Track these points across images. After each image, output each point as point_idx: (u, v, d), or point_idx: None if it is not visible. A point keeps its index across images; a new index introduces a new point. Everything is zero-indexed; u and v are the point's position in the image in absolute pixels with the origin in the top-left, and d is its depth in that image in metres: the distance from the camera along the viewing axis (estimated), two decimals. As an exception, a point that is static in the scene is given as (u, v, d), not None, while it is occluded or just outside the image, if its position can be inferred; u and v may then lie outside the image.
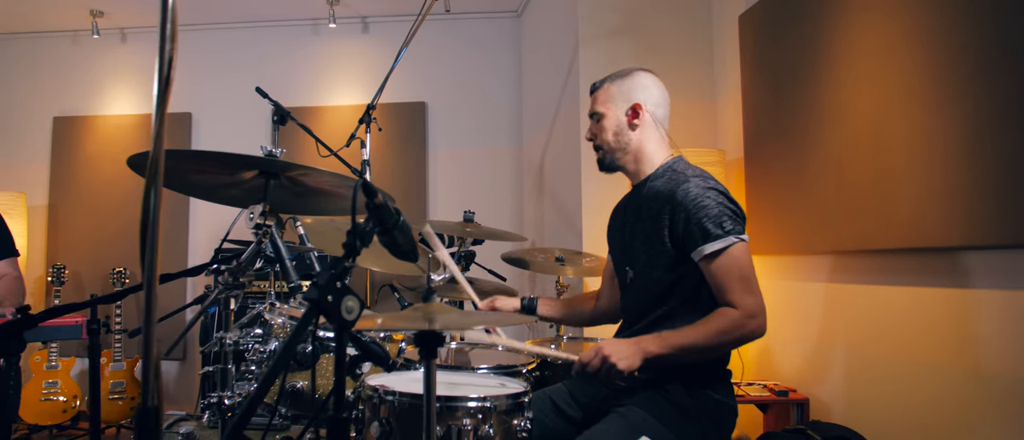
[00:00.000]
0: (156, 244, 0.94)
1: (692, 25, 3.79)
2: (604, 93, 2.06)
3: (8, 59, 5.59)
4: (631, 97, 2.01)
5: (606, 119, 2.04)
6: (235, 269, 1.57)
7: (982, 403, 2.08)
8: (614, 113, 2.02)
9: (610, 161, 2.08)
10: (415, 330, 1.28)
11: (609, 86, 2.06)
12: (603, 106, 2.05)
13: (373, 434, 1.63)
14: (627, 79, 2.04)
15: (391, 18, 5.35)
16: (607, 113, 2.03)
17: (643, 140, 2.02)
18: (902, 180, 2.31)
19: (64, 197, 5.39)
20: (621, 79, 2.05)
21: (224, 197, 1.82)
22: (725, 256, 1.81)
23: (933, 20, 2.21)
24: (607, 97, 2.05)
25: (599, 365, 1.73)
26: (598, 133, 2.06)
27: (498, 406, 1.64)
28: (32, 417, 4.31)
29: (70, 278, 4.89)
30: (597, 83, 2.10)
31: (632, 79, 2.04)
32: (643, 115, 2.01)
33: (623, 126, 2.02)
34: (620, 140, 2.03)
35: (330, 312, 1.05)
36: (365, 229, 1.16)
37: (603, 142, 2.06)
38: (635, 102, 2.01)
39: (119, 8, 5.15)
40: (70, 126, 5.46)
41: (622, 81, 2.04)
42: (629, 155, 2.04)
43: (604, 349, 1.74)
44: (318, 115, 5.21)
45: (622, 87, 2.03)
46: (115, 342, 4.60)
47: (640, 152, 2.03)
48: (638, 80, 2.04)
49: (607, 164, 2.10)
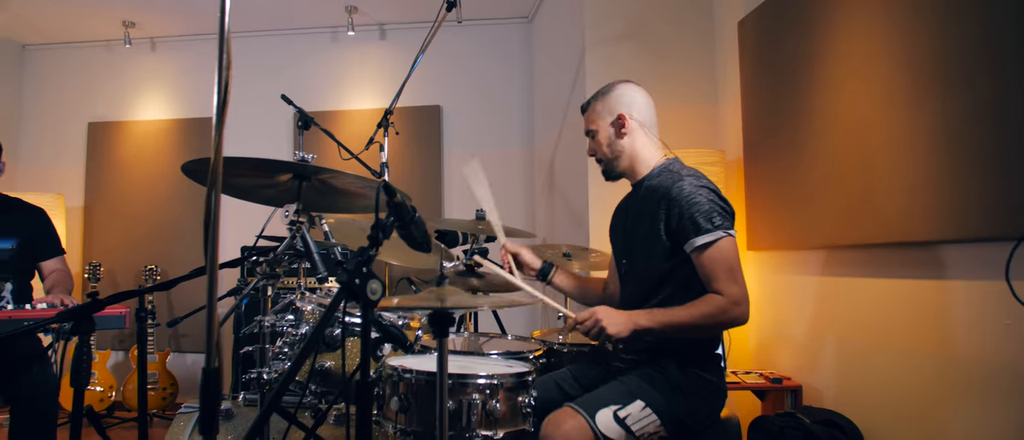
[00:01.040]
0: (217, 236, 1.14)
1: (694, 31, 3.94)
2: (592, 112, 2.26)
3: (46, 68, 5.87)
4: (615, 109, 2.21)
5: (599, 134, 2.24)
6: (272, 260, 1.78)
7: (956, 385, 2.24)
8: (604, 127, 2.23)
9: (611, 170, 2.28)
10: (429, 309, 1.47)
11: (595, 105, 2.26)
12: (594, 123, 2.25)
13: (393, 408, 1.82)
14: (609, 95, 2.24)
15: (407, 25, 5.55)
16: (599, 129, 2.24)
17: (634, 145, 2.21)
18: (885, 178, 2.46)
19: (99, 199, 5.66)
20: (604, 96, 2.25)
21: (260, 197, 2.03)
22: (714, 248, 1.98)
23: (910, 29, 2.36)
24: (595, 114, 2.25)
25: (591, 325, 1.93)
26: (595, 148, 2.27)
27: (504, 383, 1.82)
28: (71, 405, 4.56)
29: (105, 275, 5.14)
30: (585, 104, 2.30)
31: (613, 93, 2.24)
32: (628, 123, 2.20)
33: (612, 137, 2.22)
34: (614, 149, 2.22)
35: (357, 293, 1.24)
36: (386, 223, 1.35)
37: (601, 155, 2.26)
38: (618, 113, 2.20)
39: (149, 19, 5.40)
40: (104, 131, 5.72)
41: (605, 98, 2.24)
42: (624, 160, 2.23)
43: (598, 313, 1.95)
44: (338, 119, 5.43)
45: (606, 103, 2.23)
46: (148, 335, 4.84)
47: (634, 156, 2.22)
48: (619, 93, 2.23)
49: (609, 173, 2.30)
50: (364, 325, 1.28)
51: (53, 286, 3.15)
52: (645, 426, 1.94)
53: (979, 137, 2.08)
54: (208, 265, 1.12)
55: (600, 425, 1.88)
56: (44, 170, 5.69)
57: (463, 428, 1.77)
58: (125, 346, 5.37)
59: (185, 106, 5.73)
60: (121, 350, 5.42)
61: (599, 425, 1.88)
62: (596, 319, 1.94)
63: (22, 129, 5.77)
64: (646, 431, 1.94)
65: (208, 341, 1.11)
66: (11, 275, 3.10)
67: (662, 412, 1.96)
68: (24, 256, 3.18)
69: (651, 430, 1.95)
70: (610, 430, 1.89)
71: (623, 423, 1.91)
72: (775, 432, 2.61)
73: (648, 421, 1.94)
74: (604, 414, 1.90)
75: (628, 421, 1.92)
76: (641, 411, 1.94)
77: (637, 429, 1.93)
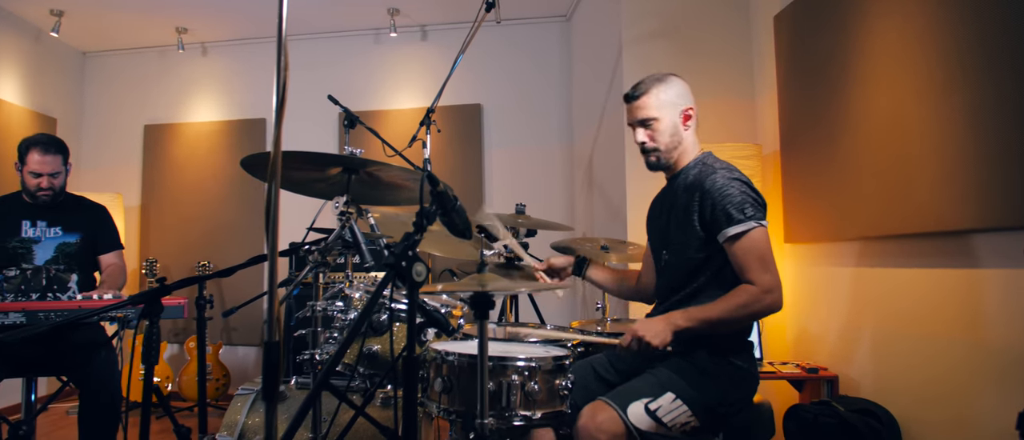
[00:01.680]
0: (276, 224, 1.24)
1: (730, 26, 3.98)
2: (653, 99, 2.21)
3: (105, 74, 6.15)
4: (682, 102, 2.23)
5: (661, 122, 2.22)
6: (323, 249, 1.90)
7: (990, 373, 2.26)
8: (669, 117, 2.22)
9: (664, 162, 2.27)
10: (470, 292, 1.57)
11: (657, 92, 2.21)
12: (657, 111, 2.21)
13: (437, 389, 1.93)
14: (673, 85, 2.23)
15: (448, 26, 5.68)
16: (662, 117, 2.21)
17: (688, 139, 2.26)
18: (917, 170, 2.50)
19: (155, 198, 5.91)
20: (665, 85, 2.23)
21: (312, 190, 2.16)
22: (746, 239, 2.04)
23: (939, 24, 2.40)
24: (658, 103, 2.21)
25: (635, 345, 2.00)
26: (653, 136, 2.23)
27: (543, 366, 1.90)
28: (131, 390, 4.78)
29: (160, 271, 5.39)
30: (637, 91, 2.25)
31: (679, 85, 2.24)
32: (694, 117, 2.25)
33: (678, 127, 2.23)
34: (675, 140, 2.23)
35: (404, 274, 1.34)
36: (430, 211, 1.45)
37: (661, 144, 2.23)
38: (687, 106, 2.23)
39: (200, 24, 5.62)
40: (159, 133, 5.97)
41: (667, 87, 2.22)
42: (677, 152, 2.26)
43: (638, 330, 2.01)
44: (381, 118, 5.57)
45: (669, 93, 2.22)
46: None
47: (685, 149, 2.26)
48: (683, 86, 2.25)
49: (660, 164, 2.28)
50: (410, 304, 1.38)
51: (105, 280, 3.34)
52: (676, 417, 2.00)
53: (1007, 128, 2.10)
54: (269, 251, 1.24)
55: (632, 417, 1.95)
56: (104, 171, 5.97)
57: (503, 408, 1.85)
58: (180, 338, 5.59)
59: (235, 108, 5.94)
60: (176, 342, 5.65)
61: (631, 417, 1.95)
62: (638, 338, 1.99)
63: (84, 132, 6.05)
64: (677, 422, 2.01)
65: (269, 318, 1.22)
66: (77, 267, 3.30)
67: (692, 401, 2.02)
68: (87, 250, 3.37)
69: (682, 420, 2.01)
70: (641, 422, 1.96)
71: (654, 415, 1.98)
72: (809, 420, 2.66)
73: (679, 412, 2.00)
74: (635, 407, 1.97)
75: (659, 413, 1.98)
76: (672, 403, 2.00)
77: (668, 420, 1.99)
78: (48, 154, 3.22)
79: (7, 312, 2.63)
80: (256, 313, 5.62)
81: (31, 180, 3.22)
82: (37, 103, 5.49)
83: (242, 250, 5.64)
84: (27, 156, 3.22)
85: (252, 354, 5.65)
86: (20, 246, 3.21)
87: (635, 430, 1.94)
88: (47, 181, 3.23)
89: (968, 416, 2.35)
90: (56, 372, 3.16)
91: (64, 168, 3.31)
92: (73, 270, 3.27)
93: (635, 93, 2.25)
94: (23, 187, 3.28)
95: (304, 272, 1.95)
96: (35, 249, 3.24)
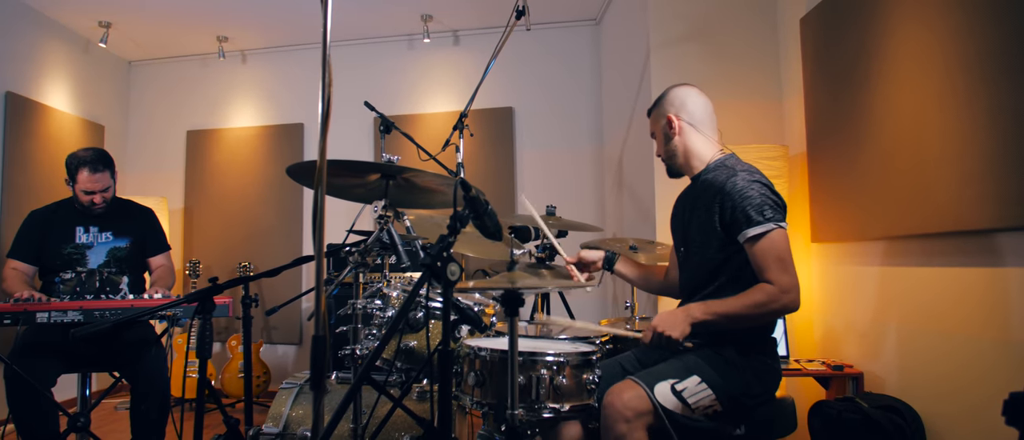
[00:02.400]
0: (322, 227, 1.36)
1: (757, 29, 4.03)
2: (651, 118, 2.48)
3: (149, 82, 6.39)
4: (664, 113, 2.41)
5: (657, 136, 2.46)
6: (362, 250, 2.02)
7: (1011, 369, 2.30)
8: (659, 130, 2.44)
9: (671, 168, 2.48)
10: (501, 290, 1.67)
11: (654, 111, 2.47)
12: (653, 127, 2.48)
13: (470, 382, 2.03)
14: (661, 102, 2.44)
15: (479, 31, 5.79)
16: (656, 131, 2.46)
17: (685, 144, 2.38)
18: (941, 170, 2.54)
19: (197, 201, 6.12)
20: (658, 104, 2.45)
21: (351, 194, 2.28)
22: (765, 240, 2.11)
23: (961, 28, 2.44)
24: (653, 120, 2.47)
25: (654, 337, 2.10)
26: (658, 148, 2.48)
27: (570, 361, 2.00)
28: (176, 391, 4.98)
29: (203, 271, 5.58)
30: (649, 109, 2.50)
31: (665, 98, 2.43)
32: (677, 124, 2.37)
33: (669, 136, 2.41)
34: (668, 149, 2.42)
35: (439, 273, 1.45)
36: (463, 214, 1.56)
37: (663, 154, 2.46)
38: (667, 116, 2.39)
39: (240, 33, 5.81)
40: (200, 138, 6.18)
41: (659, 105, 2.45)
42: (679, 157, 2.41)
43: (655, 324, 2.11)
44: (415, 122, 5.71)
45: (659, 109, 2.44)
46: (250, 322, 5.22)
47: (687, 152, 2.38)
48: (670, 97, 2.42)
49: (670, 171, 2.49)
50: (445, 302, 1.49)
51: (156, 281, 3.51)
52: (700, 399, 2.09)
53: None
54: (316, 251, 1.35)
55: (658, 396, 2.04)
56: (149, 175, 6.19)
57: (532, 401, 1.95)
58: (222, 337, 5.78)
59: (273, 113, 6.13)
60: (218, 341, 5.84)
61: (657, 396, 2.03)
62: (657, 331, 2.10)
63: (129, 138, 6.28)
64: (701, 404, 2.09)
65: (317, 313, 1.33)
66: (127, 270, 3.48)
67: (716, 387, 2.10)
68: (137, 253, 3.54)
69: (706, 403, 2.10)
70: (667, 401, 2.04)
71: (680, 395, 2.06)
72: (833, 416, 2.71)
73: (703, 395, 2.09)
74: (662, 386, 2.06)
75: (685, 394, 2.07)
76: (697, 386, 2.09)
77: (693, 402, 2.08)
78: (97, 172, 3.34)
79: (66, 311, 2.80)
80: (294, 313, 5.80)
81: (84, 197, 3.36)
82: (86, 111, 5.73)
83: (280, 251, 5.82)
84: (77, 175, 3.34)
85: (291, 352, 5.82)
86: (75, 252, 3.39)
87: (661, 408, 2.02)
88: (99, 198, 3.38)
89: (991, 412, 2.38)
90: (109, 368, 3.34)
91: (113, 181, 3.45)
92: (124, 273, 3.46)
93: (649, 110, 2.51)
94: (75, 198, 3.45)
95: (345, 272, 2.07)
96: (88, 254, 3.42)
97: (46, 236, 3.37)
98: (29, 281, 3.32)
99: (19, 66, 5.01)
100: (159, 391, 3.19)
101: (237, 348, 5.19)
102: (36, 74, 5.18)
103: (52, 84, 5.35)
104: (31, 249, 3.36)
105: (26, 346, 3.04)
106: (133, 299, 2.97)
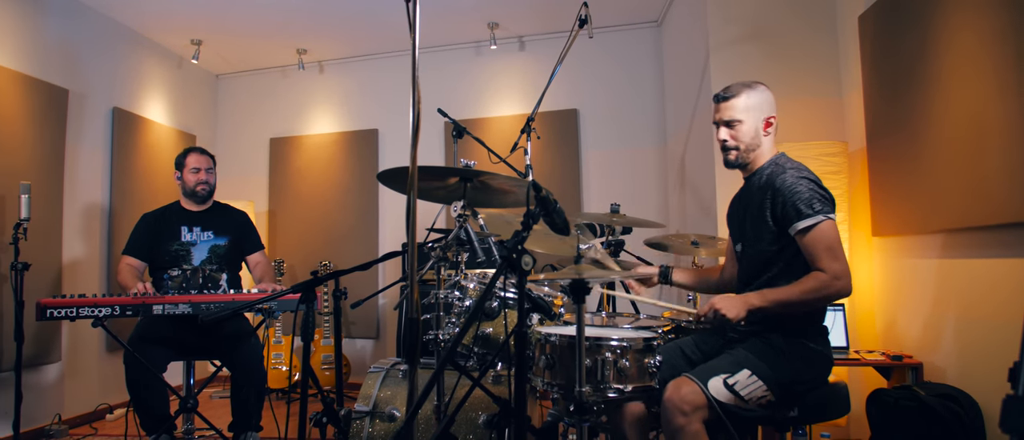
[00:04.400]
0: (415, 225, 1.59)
1: (814, 27, 4.10)
2: (741, 102, 2.45)
3: (235, 93, 6.82)
4: (765, 110, 2.47)
5: (744, 125, 2.46)
6: (444, 246, 2.26)
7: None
8: (752, 121, 2.46)
9: (741, 160, 2.52)
10: (569, 280, 1.87)
11: (746, 96, 2.45)
12: (742, 114, 2.45)
13: (541, 366, 2.23)
14: (759, 92, 2.47)
15: (544, 36, 5.99)
16: (746, 120, 2.46)
17: (767, 144, 2.49)
18: (998, 163, 2.60)
19: (280, 204, 6.51)
20: (753, 91, 2.47)
21: (433, 196, 2.53)
22: (815, 231, 2.26)
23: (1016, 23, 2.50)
24: (745, 106, 2.45)
25: (712, 315, 2.26)
26: (734, 137, 2.49)
27: (634, 346, 2.18)
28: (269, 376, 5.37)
29: (287, 270, 5.95)
30: (727, 93, 2.50)
31: (764, 93, 2.48)
32: (773, 125, 2.48)
33: (759, 132, 2.47)
34: (754, 143, 2.48)
35: (514, 265, 1.66)
36: (535, 212, 1.77)
37: (741, 144, 2.49)
38: (769, 115, 2.47)
39: (318, 45, 6.17)
40: (282, 145, 6.57)
41: (754, 93, 2.46)
42: (754, 154, 2.50)
43: (715, 303, 2.28)
44: (484, 125, 5.95)
45: (755, 99, 2.46)
46: (324, 322, 5.57)
47: (761, 152, 2.50)
48: (768, 95, 2.48)
49: (738, 163, 2.53)
50: (520, 291, 1.70)
51: (262, 276, 3.85)
52: (752, 391, 2.24)
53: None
54: (410, 244, 1.58)
55: (712, 390, 2.20)
56: (236, 180, 6.61)
57: (598, 382, 2.13)
58: (305, 332, 6.13)
59: (350, 119, 6.46)
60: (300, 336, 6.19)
61: (711, 390, 2.20)
62: (715, 309, 2.27)
63: (217, 146, 6.71)
64: (754, 395, 2.24)
65: (410, 297, 1.56)
66: (226, 266, 3.82)
67: (767, 378, 2.25)
68: (234, 251, 3.89)
69: (758, 394, 2.25)
70: (721, 394, 2.21)
71: (732, 389, 2.22)
72: (890, 404, 2.81)
73: (755, 386, 2.24)
74: (715, 381, 2.23)
75: (737, 387, 2.23)
76: (748, 378, 2.24)
77: (745, 394, 2.23)
78: (204, 154, 3.90)
79: (177, 304, 3.13)
80: (372, 310, 6.12)
81: (191, 177, 3.82)
82: (179, 122, 6.17)
83: (358, 251, 6.15)
84: (185, 159, 3.86)
85: (369, 346, 6.15)
86: (181, 249, 3.75)
87: (715, 402, 2.19)
88: (205, 174, 3.85)
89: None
90: (210, 357, 3.70)
91: (214, 170, 3.95)
92: (223, 269, 3.80)
93: (725, 95, 2.50)
94: (183, 190, 3.84)
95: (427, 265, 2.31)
96: (192, 251, 3.77)
97: (156, 235, 3.75)
98: (140, 276, 3.70)
99: (123, 84, 5.47)
100: (257, 379, 3.51)
101: (319, 342, 5.54)
102: (137, 90, 5.63)
103: (150, 98, 5.79)
104: (143, 246, 3.74)
105: (143, 335, 3.40)
106: (233, 293, 3.28)
